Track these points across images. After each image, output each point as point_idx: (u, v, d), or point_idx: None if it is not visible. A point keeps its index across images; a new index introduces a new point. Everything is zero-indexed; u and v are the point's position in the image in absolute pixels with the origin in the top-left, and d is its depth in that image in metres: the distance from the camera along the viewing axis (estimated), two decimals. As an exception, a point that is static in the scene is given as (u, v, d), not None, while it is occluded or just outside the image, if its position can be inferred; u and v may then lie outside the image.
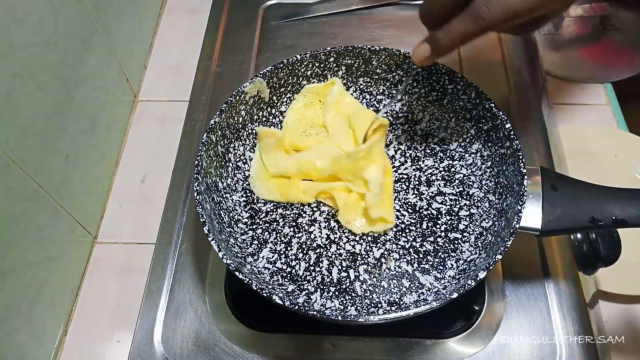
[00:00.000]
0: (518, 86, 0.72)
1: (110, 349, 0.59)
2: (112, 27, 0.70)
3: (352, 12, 0.80)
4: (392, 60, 0.62)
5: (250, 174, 0.61)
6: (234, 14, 0.81)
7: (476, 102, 0.58)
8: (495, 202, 0.55)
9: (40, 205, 0.56)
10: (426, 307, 0.44)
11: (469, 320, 0.54)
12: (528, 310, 0.55)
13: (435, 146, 0.62)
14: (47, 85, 0.56)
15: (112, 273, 0.63)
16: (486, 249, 0.52)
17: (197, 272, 0.58)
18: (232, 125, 0.58)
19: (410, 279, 0.53)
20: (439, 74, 0.60)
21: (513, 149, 0.52)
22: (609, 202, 0.47)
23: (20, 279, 0.52)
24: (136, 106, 0.77)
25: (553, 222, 0.48)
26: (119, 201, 0.69)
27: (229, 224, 0.56)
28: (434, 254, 0.55)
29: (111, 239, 0.66)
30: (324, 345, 0.54)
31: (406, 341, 0.53)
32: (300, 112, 0.64)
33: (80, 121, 0.63)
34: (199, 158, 0.53)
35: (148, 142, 0.74)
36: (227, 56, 0.76)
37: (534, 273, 0.57)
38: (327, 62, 0.62)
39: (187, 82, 0.74)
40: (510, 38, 0.77)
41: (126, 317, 0.59)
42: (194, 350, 0.53)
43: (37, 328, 0.55)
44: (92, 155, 0.66)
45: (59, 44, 0.58)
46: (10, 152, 0.50)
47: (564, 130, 0.70)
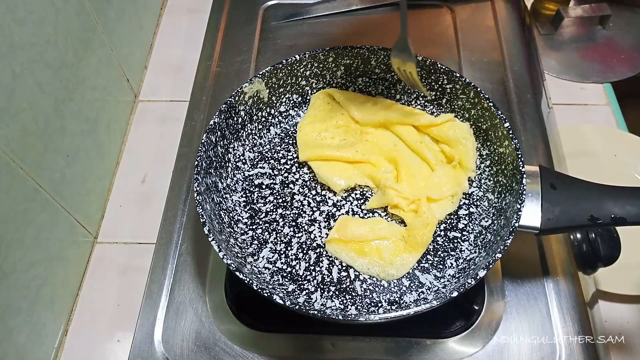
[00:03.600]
0: (518, 86, 0.72)
1: (111, 349, 0.59)
2: (112, 27, 0.70)
3: (352, 12, 0.80)
4: (390, 60, 0.62)
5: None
6: (234, 14, 0.81)
7: (475, 101, 0.58)
8: (494, 201, 0.55)
9: (40, 205, 0.56)
10: (426, 306, 0.44)
11: (468, 320, 0.54)
12: (528, 310, 0.54)
13: (434, 146, 0.62)
14: (47, 85, 0.56)
15: (112, 273, 0.64)
16: (486, 248, 0.52)
17: (198, 272, 0.58)
18: (231, 126, 0.58)
19: (410, 278, 0.53)
20: (437, 74, 0.60)
21: (512, 148, 0.52)
22: (608, 200, 0.47)
23: (20, 279, 0.52)
24: (136, 106, 0.77)
25: (552, 220, 0.48)
26: (119, 201, 0.69)
27: (229, 224, 0.56)
28: (433, 252, 0.55)
29: (111, 239, 0.66)
30: (324, 345, 0.54)
31: (406, 341, 0.53)
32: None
33: (80, 121, 0.63)
34: (199, 159, 0.53)
35: (148, 142, 0.74)
36: (227, 56, 0.76)
37: (533, 273, 0.57)
38: (326, 62, 0.62)
39: (187, 82, 0.75)
40: (510, 38, 0.77)
41: (126, 317, 0.59)
42: (194, 350, 0.53)
43: (37, 328, 0.55)
44: (92, 155, 0.66)
45: (59, 43, 0.58)
46: (10, 152, 0.50)
47: (563, 130, 0.70)
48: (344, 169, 0.60)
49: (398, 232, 0.55)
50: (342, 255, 0.55)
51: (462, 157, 0.58)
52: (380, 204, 0.58)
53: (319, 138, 0.62)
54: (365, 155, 0.60)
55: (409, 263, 0.54)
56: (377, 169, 0.60)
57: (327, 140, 0.62)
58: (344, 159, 0.60)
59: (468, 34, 0.77)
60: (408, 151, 0.61)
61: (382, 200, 0.58)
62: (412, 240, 0.54)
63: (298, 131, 0.63)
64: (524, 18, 0.80)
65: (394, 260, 0.54)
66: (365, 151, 0.61)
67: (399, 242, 0.55)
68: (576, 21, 0.85)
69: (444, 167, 0.59)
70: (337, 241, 0.55)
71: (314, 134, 0.63)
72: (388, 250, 0.54)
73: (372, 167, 0.60)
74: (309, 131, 0.63)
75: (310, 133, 0.63)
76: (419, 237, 0.54)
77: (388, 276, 0.53)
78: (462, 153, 0.58)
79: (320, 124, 0.63)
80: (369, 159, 0.60)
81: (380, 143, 0.62)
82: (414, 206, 0.56)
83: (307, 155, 0.61)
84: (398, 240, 0.55)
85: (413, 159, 0.61)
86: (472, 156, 0.58)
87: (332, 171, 0.60)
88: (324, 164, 0.61)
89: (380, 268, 0.53)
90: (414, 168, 0.60)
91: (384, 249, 0.54)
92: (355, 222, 0.56)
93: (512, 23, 0.79)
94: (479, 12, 0.80)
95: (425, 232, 0.54)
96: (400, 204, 0.56)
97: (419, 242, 0.54)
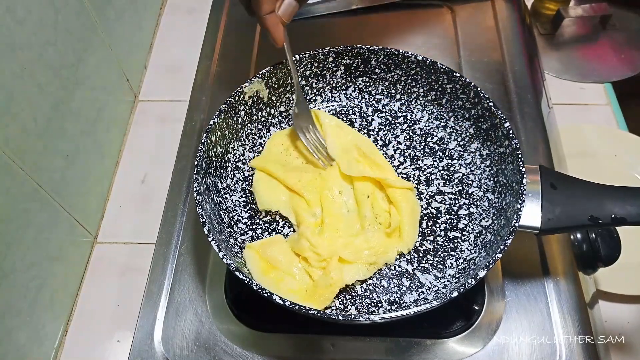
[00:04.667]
0: (518, 86, 0.72)
1: (111, 349, 0.59)
2: (112, 27, 0.70)
3: (352, 12, 0.80)
4: (390, 59, 0.62)
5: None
6: (234, 14, 0.81)
7: (475, 101, 0.58)
8: (494, 200, 0.55)
9: (40, 205, 0.56)
10: (426, 306, 0.44)
11: (468, 320, 0.54)
12: (528, 310, 0.54)
13: (434, 145, 0.62)
14: (47, 85, 0.56)
15: (112, 273, 0.64)
16: (486, 248, 0.52)
17: (197, 272, 0.58)
18: (231, 126, 0.58)
19: (410, 278, 0.53)
20: (437, 73, 0.60)
21: (512, 147, 0.52)
22: (608, 200, 0.47)
23: (20, 279, 0.52)
24: (136, 106, 0.77)
25: (552, 220, 0.48)
26: (119, 201, 0.69)
27: (228, 224, 0.56)
28: (433, 252, 0.55)
29: (111, 239, 0.66)
30: (324, 345, 0.54)
31: (406, 341, 0.53)
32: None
33: (80, 121, 0.63)
34: (199, 159, 0.53)
35: (148, 142, 0.74)
36: (227, 56, 0.76)
37: (533, 273, 0.57)
38: (325, 62, 0.62)
39: (187, 82, 0.74)
40: (510, 38, 0.77)
41: (126, 317, 0.59)
42: (194, 350, 0.53)
43: (37, 328, 0.55)
44: (92, 155, 0.66)
45: (59, 44, 0.58)
46: (10, 152, 0.50)
47: (563, 130, 0.70)
48: (280, 192, 0.58)
49: (307, 281, 0.52)
50: (250, 264, 0.52)
51: (402, 226, 0.54)
52: (294, 249, 0.54)
53: (282, 153, 0.61)
54: (303, 189, 0.56)
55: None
56: (308, 208, 0.56)
57: (288, 157, 0.60)
58: (283, 182, 0.57)
59: (468, 34, 0.77)
60: (348, 202, 0.57)
61: (296, 247, 0.53)
62: (313, 295, 0.50)
63: (270, 139, 0.62)
64: (524, 18, 0.80)
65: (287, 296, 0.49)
66: (307, 185, 0.57)
67: (302, 290, 0.51)
68: (576, 21, 0.85)
69: (376, 231, 0.54)
70: (255, 252, 0.53)
71: (281, 147, 0.61)
72: (288, 288, 0.51)
73: (304, 203, 0.56)
74: (278, 143, 0.61)
75: (278, 145, 0.61)
76: (319, 295, 0.50)
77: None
78: (404, 223, 0.54)
79: (294, 140, 0.61)
80: (304, 194, 0.56)
81: (327, 183, 0.57)
82: (324, 264, 0.52)
83: (255, 163, 0.59)
84: (302, 288, 0.52)
85: (347, 212, 0.56)
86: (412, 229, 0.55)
87: (268, 189, 0.57)
88: (266, 178, 0.58)
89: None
90: (342, 222, 0.55)
91: (286, 281, 0.52)
92: (280, 248, 0.54)
93: (512, 23, 0.79)
94: (479, 12, 0.80)
95: (326, 293, 0.50)
96: (310, 259, 0.52)
97: (317, 300, 0.50)
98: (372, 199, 0.56)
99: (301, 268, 0.53)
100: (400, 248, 0.54)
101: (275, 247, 0.53)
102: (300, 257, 0.53)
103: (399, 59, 0.61)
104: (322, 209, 0.56)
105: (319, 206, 0.56)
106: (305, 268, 0.53)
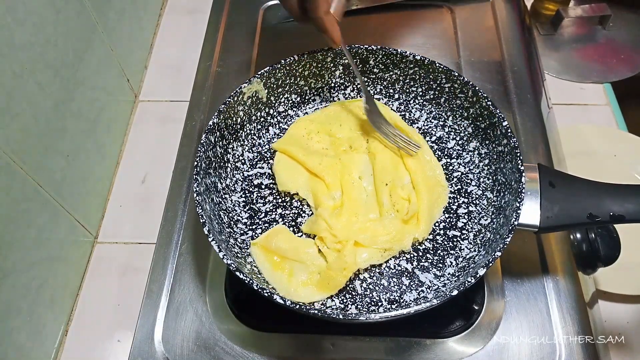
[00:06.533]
0: (518, 86, 0.72)
1: (111, 349, 0.59)
2: (112, 27, 0.70)
3: (352, 12, 0.80)
4: (388, 59, 0.62)
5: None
6: (234, 14, 0.81)
7: (473, 100, 0.58)
8: (493, 199, 0.55)
9: (41, 205, 0.56)
10: (426, 305, 0.44)
11: (468, 320, 0.54)
12: (528, 309, 0.54)
13: (433, 145, 0.62)
14: (47, 85, 0.56)
15: (112, 273, 0.64)
16: (485, 246, 0.52)
17: (198, 272, 0.58)
18: (230, 126, 0.59)
19: (409, 277, 0.53)
20: (435, 73, 0.60)
21: (510, 146, 0.52)
22: (607, 198, 0.47)
23: (21, 279, 0.52)
24: (136, 106, 0.77)
25: (551, 218, 0.48)
26: (119, 201, 0.69)
27: (228, 224, 0.56)
28: (433, 251, 0.55)
29: (111, 239, 0.66)
30: (324, 345, 0.54)
31: (406, 341, 0.53)
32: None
33: (80, 121, 0.63)
34: (198, 159, 0.53)
35: (148, 142, 0.74)
36: (227, 56, 0.76)
37: (533, 272, 0.57)
38: (324, 62, 0.62)
39: (187, 82, 0.75)
40: (510, 38, 0.77)
41: (126, 317, 0.60)
42: (195, 349, 0.53)
43: (38, 328, 0.55)
44: (92, 155, 0.66)
45: (59, 43, 0.58)
46: (10, 152, 0.50)
47: (563, 130, 0.70)
48: (299, 174, 0.58)
49: (319, 265, 0.52)
50: (258, 262, 0.53)
51: (421, 213, 0.54)
52: (310, 231, 0.55)
53: (304, 137, 0.62)
54: (324, 172, 0.57)
55: (311, 298, 0.51)
56: (327, 191, 0.57)
57: (309, 142, 0.61)
58: (304, 164, 0.58)
59: (468, 34, 0.77)
60: (367, 188, 0.57)
61: (313, 227, 0.54)
62: (325, 279, 0.51)
63: (294, 123, 0.64)
64: (524, 18, 0.80)
65: (298, 289, 0.51)
66: (328, 168, 0.57)
67: (314, 275, 0.52)
68: (576, 21, 0.85)
69: (393, 218, 0.55)
70: (261, 247, 0.53)
71: (303, 131, 0.62)
72: (300, 277, 0.52)
73: (323, 186, 0.57)
74: (301, 127, 0.63)
75: (301, 129, 0.62)
76: (331, 279, 0.50)
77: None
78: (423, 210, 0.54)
79: (317, 125, 0.63)
80: (324, 177, 0.57)
81: (347, 168, 0.58)
82: (339, 246, 0.52)
83: (278, 145, 0.61)
84: (314, 272, 0.52)
85: (366, 197, 0.57)
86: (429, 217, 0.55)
87: (287, 170, 0.59)
88: (286, 159, 0.59)
89: (284, 290, 0.51)
90: (360, 207, 0.56)
91: (297, 273, 0.52)
92: (285, 236, 0.54)
93: (512, 23, 0.79)
94: (479, 12, 0.80)
95: (339, 277, 0.50)
96: (326, 239, 0.53)
97: (329, 285, 0.50)
98: (390, 187, 0.56)
99: (310, 253, 0.53)
100: (417, 235, 0.54)
101: (280, 237, 0.54)
102: (316, 238, 0.54)
103: (397, 58, 0.61)
104: (342, 192, 0.57)
105: (338, 190, 0.57)
106: (321, 248, 0.53)
